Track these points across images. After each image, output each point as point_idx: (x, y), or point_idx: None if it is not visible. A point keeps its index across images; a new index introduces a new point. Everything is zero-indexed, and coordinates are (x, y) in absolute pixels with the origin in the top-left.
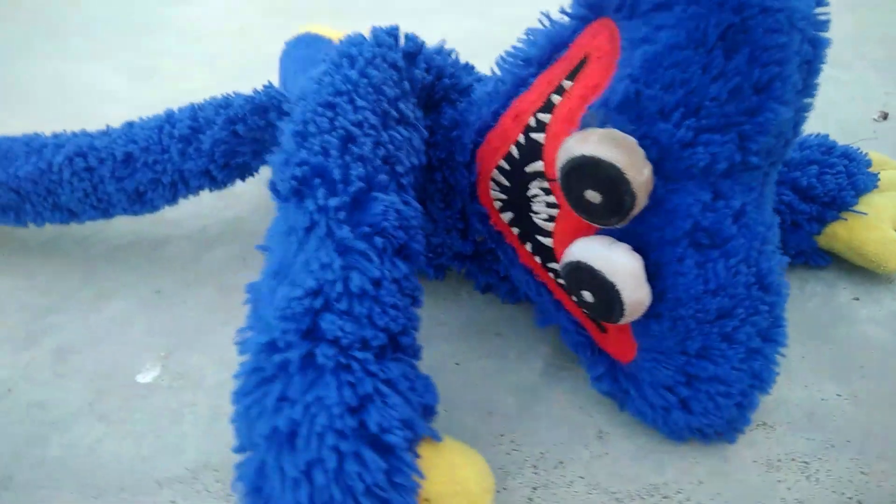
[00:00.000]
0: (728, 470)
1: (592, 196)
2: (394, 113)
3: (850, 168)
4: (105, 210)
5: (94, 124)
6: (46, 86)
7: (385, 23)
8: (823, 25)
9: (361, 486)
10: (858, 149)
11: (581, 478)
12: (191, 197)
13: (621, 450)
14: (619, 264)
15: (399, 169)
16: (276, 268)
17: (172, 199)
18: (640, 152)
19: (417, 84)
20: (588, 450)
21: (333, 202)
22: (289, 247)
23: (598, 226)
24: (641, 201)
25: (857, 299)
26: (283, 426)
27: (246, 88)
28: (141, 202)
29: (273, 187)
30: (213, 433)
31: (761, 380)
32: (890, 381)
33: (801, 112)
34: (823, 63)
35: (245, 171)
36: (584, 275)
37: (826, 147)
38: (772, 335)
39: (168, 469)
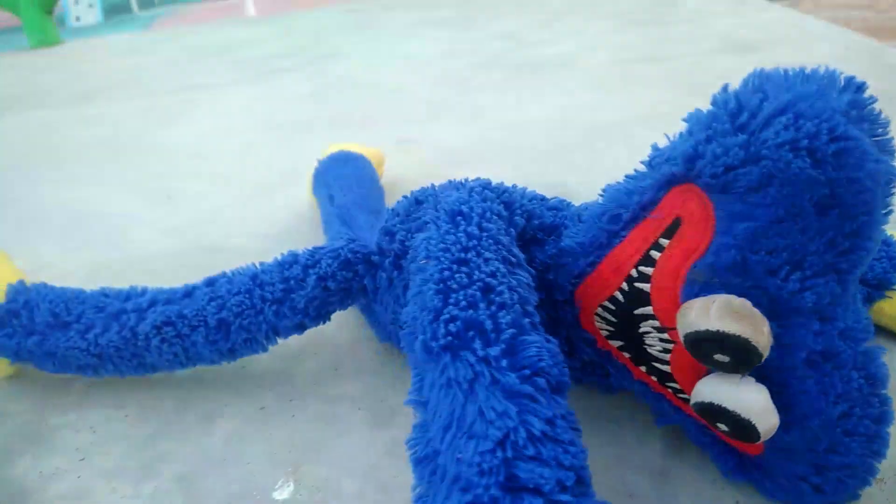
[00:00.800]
0: None
1: (721, 357)
2: (512, 258)
3: (890, 252)
4: (192, 364)
5: (127, 250)
6: (61, 214)
7: (385, 129)
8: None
9: None
10: (892, 235)
11: None
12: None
13: None
14: (750, 402)
15: (530, 309)
16: (445, 423)
17: (264, 350)
18: (759, 316)
19: (517, 230)
20: None
21: (494, 351)
22: (454, 400)
23: None
24: (766, 355)
25: None
26: None
27: (269, 205)
28: (231, 356)
29: (424, 346)
30: None
31: (879, 454)
32: None
33: None
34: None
35: (330, 315)
36: (717, 412)
37: None
38: (883, 416)
39: None
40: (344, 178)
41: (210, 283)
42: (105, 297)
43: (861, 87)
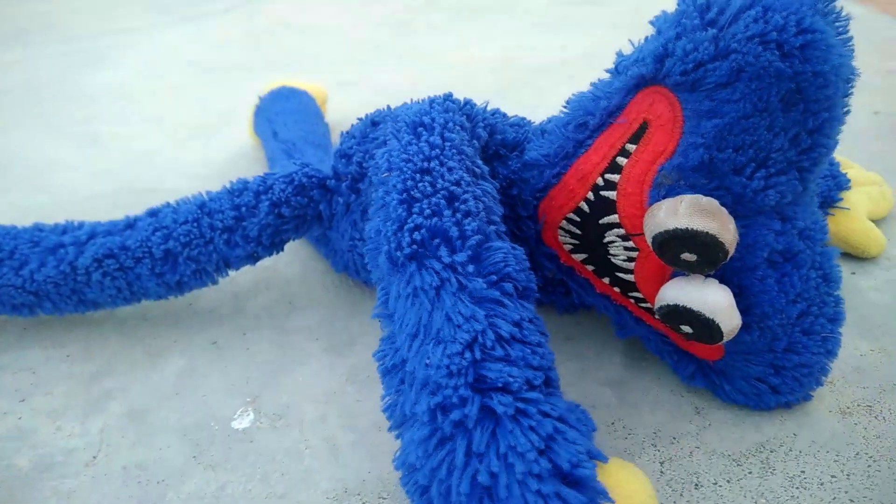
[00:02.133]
0: (812, 421)
1: (688, 256)
2: (476, 169)
3: (833, 171)
4: (137, 300)
5: (55, 193)
6: None
7: (324, 72)
8: (854, 69)
9: None
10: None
11: (698, 447)
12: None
13: (720, 419)
14: (715, 301)
15: (495, 218)
16: (412, 330)
17: (213, 283)
18: (726, 213)
19: (480, 143)
20: (693, 424)
21: (460, 258)
22: (420, 308)
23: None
24: (731, 252)
25: (854, 273)
26: (484, 479)
27: (205, 146)
28: (179, 290)
29: (389, 256)
30: (340, 463)
31: (832, 353)
32: None
33: None
34: (852, 92)
35: (284, 244)
36: (682, 314)
37: None
38: (837, 316)
39: (310, 501)
40: (288, 114)
41: (153, 213)
42: (39, 231)
43: None
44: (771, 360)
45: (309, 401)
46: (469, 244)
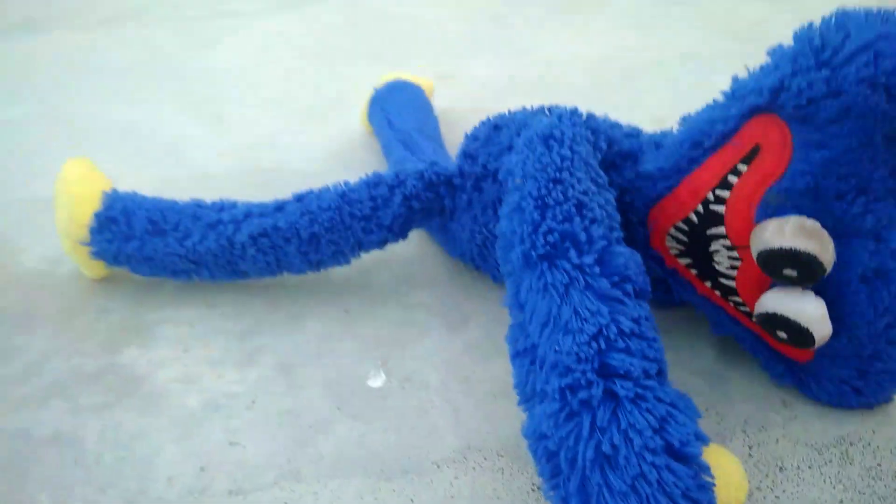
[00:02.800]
0: (891, 420)
1: (789, 272)
2: (599, 179)
3: None
4: (281, 272)
5: (189, 167)
6: (116, 132)
7: (423, 65)
8: None
9: (678, 491)
10: None
11: (783, 436)
12: None
13: (806, 412)
14: (810, 312)
15: (615, 225)
16: (543, 320)
17: (347, 262)
18: (827, 236)
19: (601, 154)
20: (780, 415)
21: (587, 259)
22: (551, 301)
23: None
24: (829, 270)
25: None
26: (607, 449)
27: (322, 130)
28: (318, 267)
29: (524, 255)
30: (461, 422)
31: None
32: None
33: None
34: None
35: (409, 231)
36: (779, 321)
37: None
38: None
39: (438, 453)
40: (402, 105)
41: (299, 199)
42: (199, 207)
43: None
44: (857, 364)
45: (431, 368)
46: (595, 248)
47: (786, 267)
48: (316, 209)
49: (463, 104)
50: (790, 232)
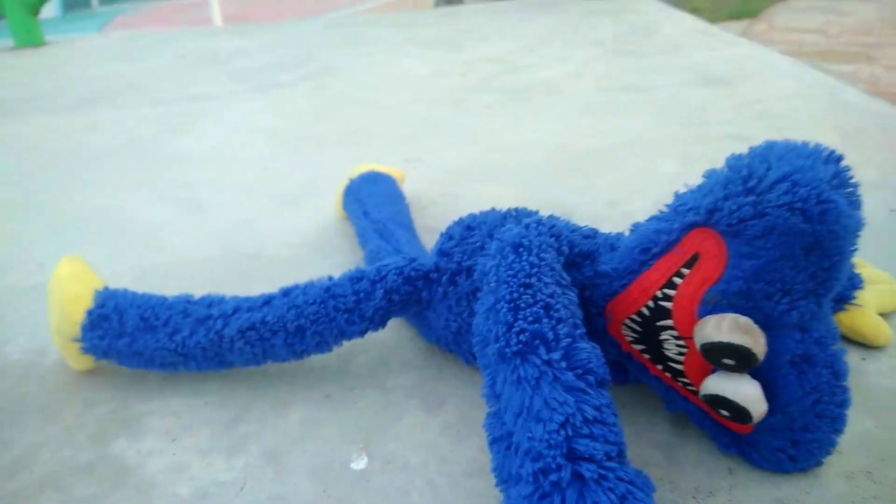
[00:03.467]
0: (821, 482)
1: (728, 361)
2: (563, 281)
3: (849, 273)
4: (265, 361)
5: (170, 254)
6: (97, 219)
7: (390, 147)
8: (862, 222)
9: None
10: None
11: (729, 500)
12: None
13: (749, 478)
14: (747, 394)
15: (578, 322)
16: (517, 409)
17: (329, 351)
18: (759, 331)
19: (563, 257)
20: (726, 481)
21: (555, 356)
22: (524, 392)
23: None
24: (761, 360)
25: (864, 359)
26: None
27: (296, 216)
28: (301, 356)
29: (499, 352)
30: (441, 502)
31: (839, 430)
32: None
33: None
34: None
35: (387, 321)
36: (721, 401)
37: None
38: (844, 402)
39: None
40: (377, 196)
41: (286, 293)
42: (189, 303)
43: (840, 159)
44: (790, 436)
45: (410, 449)
46: (561, 345)
47: (724, 357)
48: (302, 303)
49: (431, 189)
50: (727, 328)
